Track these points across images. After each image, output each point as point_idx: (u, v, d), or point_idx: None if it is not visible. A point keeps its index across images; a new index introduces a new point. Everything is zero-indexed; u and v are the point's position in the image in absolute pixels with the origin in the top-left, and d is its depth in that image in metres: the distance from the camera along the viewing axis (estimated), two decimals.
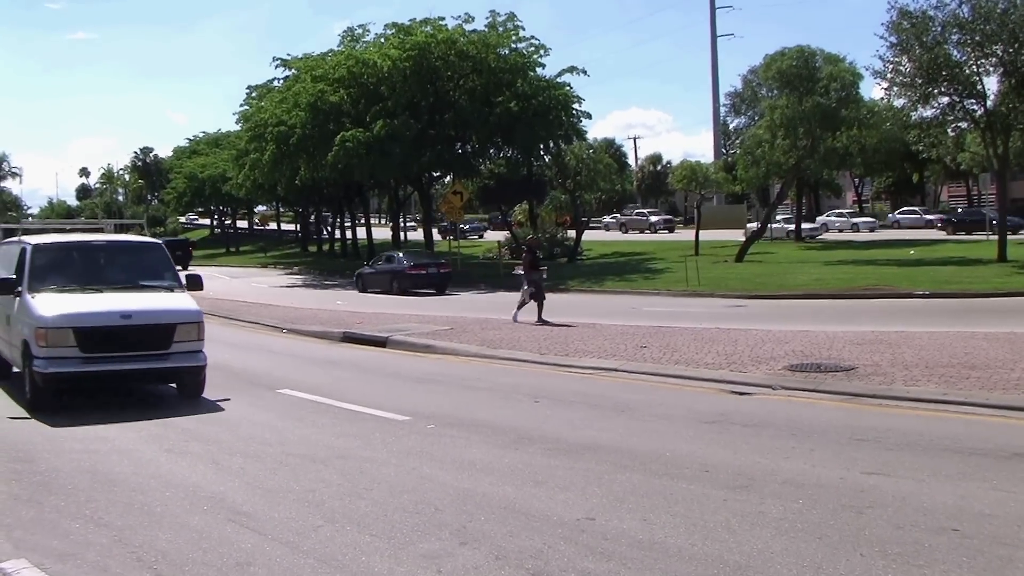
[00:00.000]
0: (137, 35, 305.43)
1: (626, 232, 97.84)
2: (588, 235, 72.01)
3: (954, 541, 7.73)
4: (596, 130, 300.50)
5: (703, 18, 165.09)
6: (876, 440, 11.60)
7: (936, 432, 12.04)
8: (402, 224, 79.18)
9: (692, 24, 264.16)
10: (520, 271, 29.49)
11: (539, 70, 60.70)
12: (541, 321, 27.21)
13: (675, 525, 8.37)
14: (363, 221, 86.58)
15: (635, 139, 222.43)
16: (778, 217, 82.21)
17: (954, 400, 13.86)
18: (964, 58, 45.44)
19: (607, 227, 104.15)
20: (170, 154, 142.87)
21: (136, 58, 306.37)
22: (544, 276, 30.25)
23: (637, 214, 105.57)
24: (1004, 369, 15.76)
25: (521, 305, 28.49)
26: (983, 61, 45.19)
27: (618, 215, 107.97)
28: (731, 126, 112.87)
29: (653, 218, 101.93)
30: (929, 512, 8.54)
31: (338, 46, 65.53)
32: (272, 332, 28.94)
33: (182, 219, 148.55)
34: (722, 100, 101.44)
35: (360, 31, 65.37)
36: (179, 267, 68.95)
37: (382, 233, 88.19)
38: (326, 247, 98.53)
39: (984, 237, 58.31)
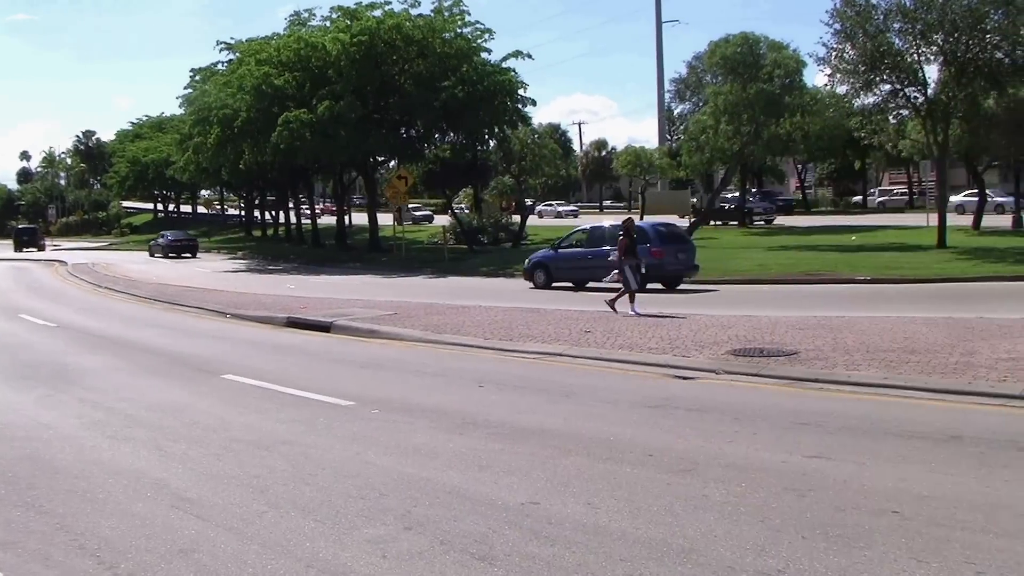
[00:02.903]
0: (80, 17, 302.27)
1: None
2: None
3: (894, 523, 7.81)
4: (541, 115, 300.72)
5: (648, 4, 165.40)
6: (818, 424, 11.71)
7: (877, 416, 12.17)
8: (346, 208, 78.85)
9: (637, 10, 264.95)
10: (614, 257, 25.70)
11: (484, 55, 60.86)
12: (612, 307, 24.61)
13: (619, 509, 8.41)
14: (307, 206, 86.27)
15: (580, 124, 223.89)
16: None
17: (894, 384, 14.01)
18: (906, 46, 45.92)
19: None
20: (113, 138, 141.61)
21: (79, 41, 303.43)
22: (642, 265, 26.14)
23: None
24: (943, 353, 15.95)
25: (631, 295, 24.81)
26: (924, 50, 45.68)
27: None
28: (676, 112, 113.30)
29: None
30: (870, 494, 8.63)
31: (284, 30, 65.31)
32: (216, 317, 28.80)
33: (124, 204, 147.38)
34: (667, 86, 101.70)
35: (306, 15, 65.16)
36: (33, 249, 68.05)
37: (327, 217, 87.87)
38: (270, 232, 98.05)
39: None
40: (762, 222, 71.29)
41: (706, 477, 9.39)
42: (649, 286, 31.28)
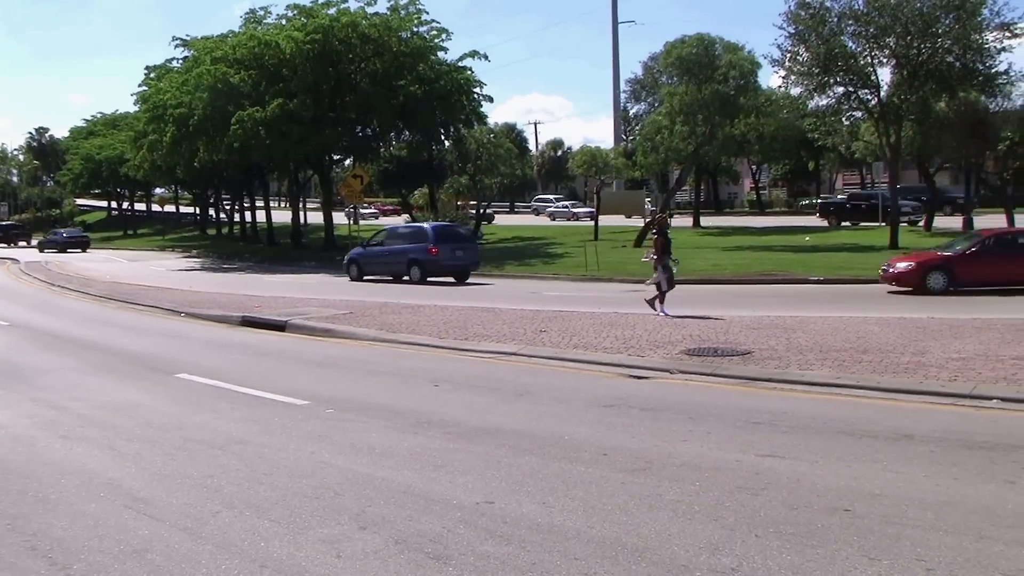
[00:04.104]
0: (33, 12, 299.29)
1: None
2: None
3: (846, 521, 7.89)
4: (497, 115, 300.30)
5: (605, 5, 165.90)
6: (771, 423, 11.79)
7: (829, 415, 12.27)
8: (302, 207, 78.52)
9: (594, 11, 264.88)
10: (652, 256, 25.38)
11: (441, 54, 60.91)
12: (653, 309, 23.96)
13: (574, 508, 8.44)
14: (263, 204, 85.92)
15: (536, 124, 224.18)
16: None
17: (847, 384, 14.14)
18: (859, 49, 46.42)
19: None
20: (67, 135, 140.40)
21: (32, 36, 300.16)
22: (676, 262, 26.07)
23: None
24: (895, 353, 16.11)
25: (662, 297, 24.44)
26: (877, 53, 46.19)
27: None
28: (631, 112, 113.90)
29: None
30: (822, 493, 8.71)
31: (240, 27, 65.03)
32: (170, 316, 28.62)
33: (78, 201, 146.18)
34: (622, 87, 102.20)
35: (262, 12, 64.95)
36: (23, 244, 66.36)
37: (283, 216, 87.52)
38: (225, 230, 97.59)
39: None
40: (906, 222, 60.04)
41: (660, 476, 9.44)
42: (441, 279, 40.62)
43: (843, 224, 64.62)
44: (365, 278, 43.49)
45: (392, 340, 21.06)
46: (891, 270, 31.54)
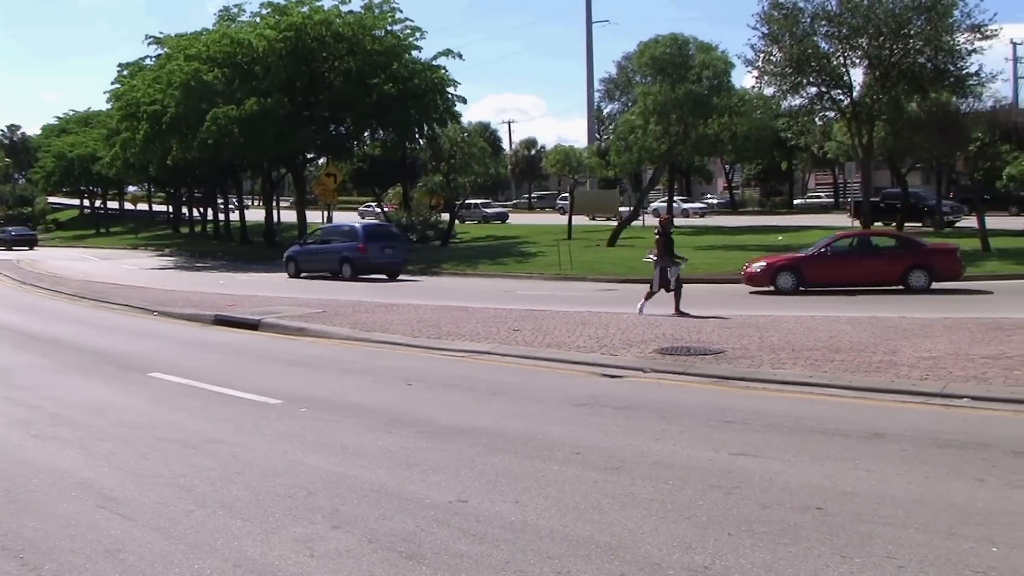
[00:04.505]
0: (5, 9, 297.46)
1: None
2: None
3: (818, 519, 7.93)
4: (470, 114, 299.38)
5: (578, 4, 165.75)
6: (744, 422, 11.84)
7: (802, 413, 12.33)
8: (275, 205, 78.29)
9: (567, 10, 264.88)
10: (652, 256, 25.48)
11: (415, 53, 60.81)
12: (679, 312, 23.50)
13: (547, 507, 8.45)
14: (236, 203, 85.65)
15: (509, 123, 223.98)
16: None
17: (819, 383, 14.21)
18: (832, 50, 46.66)
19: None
20: (39, 132, 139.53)
21: (4, 33, 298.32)
22: (681, 262, 25.66)
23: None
24: (867, 352, 16.19)
25: (649, 295, 24.43)
26: (850, 53, 46.45)
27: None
28: (605, 112, 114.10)
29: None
30: (795, 491, 8.75)
31: (213, 25, 64.82)
32: (143, 315, 28.51)
33: (51, 199, 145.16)
34: (596, 86, 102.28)
35: (236, 10, 64.70)
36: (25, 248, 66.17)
37: (256, 215, 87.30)
38: (198, 229, 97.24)
39: None
40: (945, 223, 59.32)
41: (633, 475, 9.46)
42: (373, 276, 42.85)
43: (875, 224, 62.03)
44: (302, 275, 45.36)
45: (365, 339, 21.04)
46: (748, 270, 32.81)
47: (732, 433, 11.26)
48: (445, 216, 68.03)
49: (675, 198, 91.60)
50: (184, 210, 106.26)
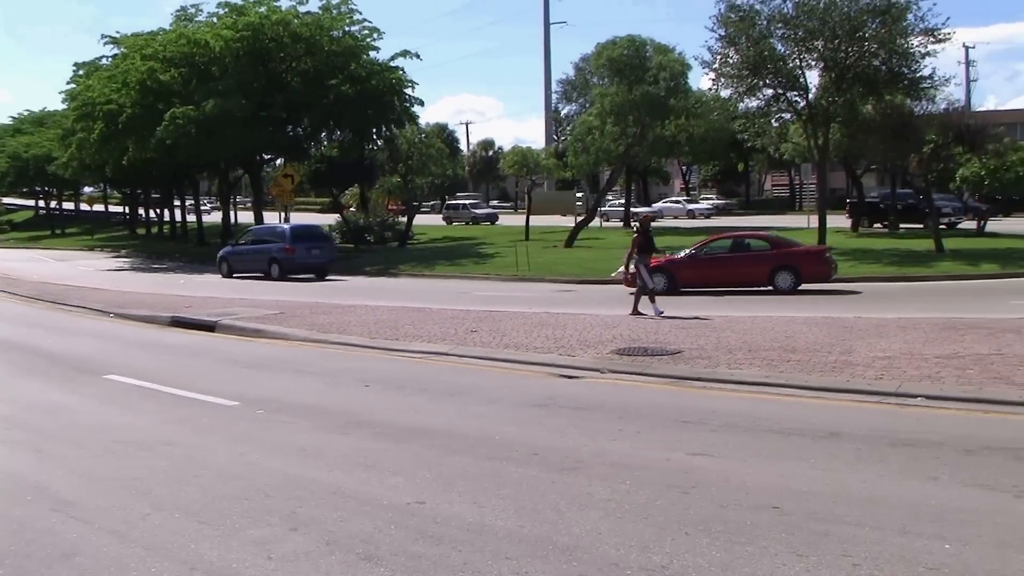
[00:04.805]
0: None
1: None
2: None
3: (774, 518, 7.98)
4: (428, 115, 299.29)
5: (536, 5, 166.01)
6: (701, 422, 11.89)
7: (758, 413, 12.40)
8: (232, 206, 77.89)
9: (525, 11, 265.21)
10: (622, 271, 25.53)
11: (372, 53, 60.63)
12: (636, 312, 23.56)
13: (504, 508, 8.47)
14: (193, 204, 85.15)
15: (467, 124, 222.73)
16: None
17: (775, 383, 14.30)
18: (788, 52, 46.80)
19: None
20: None
21: None
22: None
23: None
24: (822, 352, 16.30)
25: (651, 294, 24.20)
26: (805, 56, 46.62)
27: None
28: (562, 113, 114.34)
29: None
30: (751, 491, 8.80)
31: (170, 25, 64.38)
32: (99, 316, 28.32)
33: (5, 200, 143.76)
34: (554, 87, 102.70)
35: (193, 10, 64.30)
36: None
37: (213, 216, 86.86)
38: (155, 230, 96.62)
39: None
40: (945, 224, 56.00)
41: (591, 475, 9.49)
42: (301, 276, 44.26)
43: (875, 226, 61.26)
44: (235, 275, 46.50)
45: (322, 340, 21.00)
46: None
47: (689, 433, 11.32)
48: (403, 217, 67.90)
49: (679, 198, 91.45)
50: (140, 211, 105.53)
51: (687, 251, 33.76)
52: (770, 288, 31.05)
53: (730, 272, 32.05)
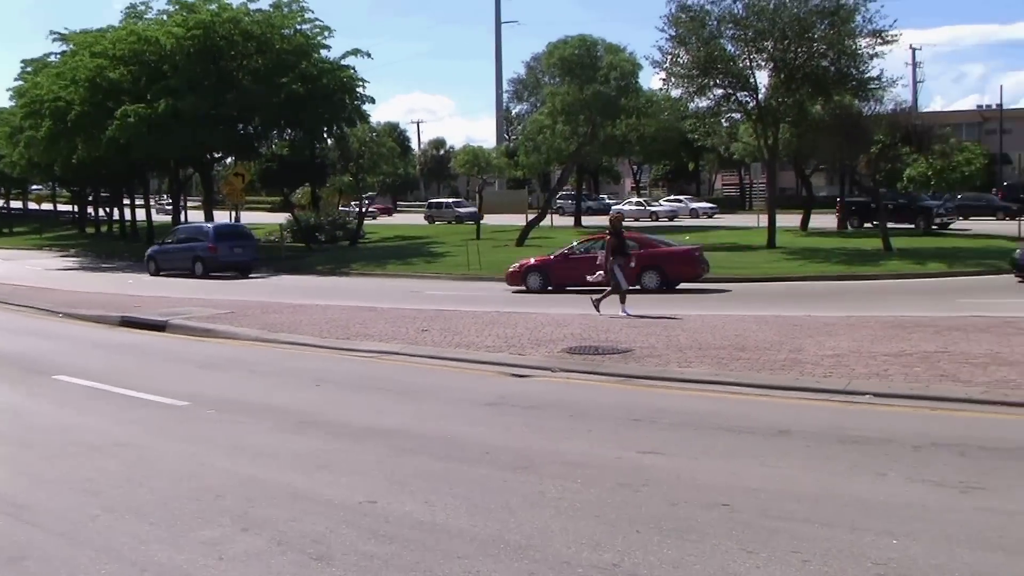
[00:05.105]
0: None
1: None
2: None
3: (725, 516, 8.03)
4: (379, 113, 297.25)
5: (488, 4, 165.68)
6: (651, 420, 11.95)
7: (709, 411, 12.48)
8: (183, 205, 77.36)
9: (477, 10, 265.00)
10: (600, 276, 25.14)
11: (323, 52, 60.45)
12: (597, 309, 23.43)
13: (456, 507, 8.48)
14: (143, 202, 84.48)
15: (418, 123, 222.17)
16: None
17: (725, 381, 14.38)
18: (738, 53, 47.22)
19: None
20: None
21: None
22: (631, 264, 26.15)
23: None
24: (772, 350, 16.40)
25: (622, 295, 24.03)
26: (755, 56, 47.05)
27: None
28: (514, 112, 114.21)
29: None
30: (702, 489, 8.85)
31: (120, 22, 63.85)
32: (48, 316, 28.07)
33: None
34: (505, 86, 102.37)
35: (143, 7, 63.82)
36: None
37: (164, 215, 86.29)
38: (104, 229, 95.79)
39: None
40: (938, 224, 57.61)
41: (542, 474, 9.52)
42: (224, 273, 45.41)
43: (865, 226, 59.58)
44: (161, 273, 47.71)
45: (274, 340, 20.93)
46: (508, 270, 35.05)
47: (640, 432, 11.37)
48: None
49: (681, 197, 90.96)
50: (90, 210, 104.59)
51: (560, 251, 35.05)
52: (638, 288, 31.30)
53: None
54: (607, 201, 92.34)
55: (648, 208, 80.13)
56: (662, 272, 31.99)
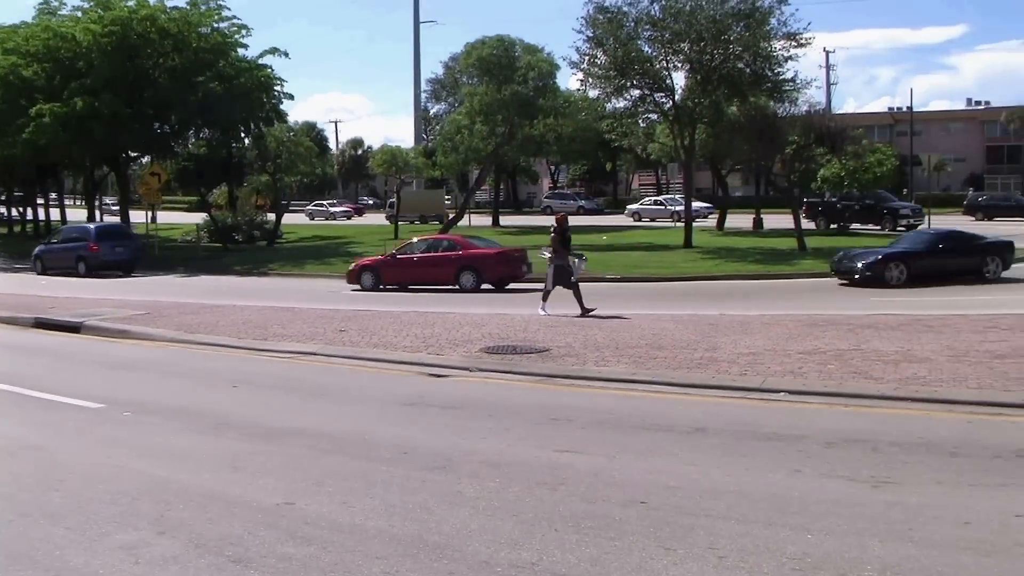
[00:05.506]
0: None
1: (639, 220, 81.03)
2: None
3: (642, 513, 8.09)
4: (297, 113, 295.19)
5: (406, 4, 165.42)
6: (569, 419, 12.01)
7: (626, 410, 12.58)
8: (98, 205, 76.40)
9: (395, 9, 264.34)
10: (546, 253, 25.05)
11: (241, 51, 59.95)
12: (585, 312, 22.82)
13: (374, 507, 8.47)
14: (57, 202, 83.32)
15: (336, 123, 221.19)
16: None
17: (642, 379, 14.49)
18: (655, 54, 47.52)
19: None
20: None
21: None
22: (582, 261, 25.71)
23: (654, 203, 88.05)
24: (688, 349, 16.55)
25: (546, 295, 23.94)
26: (672, 58, 47.40)
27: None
28: (432, 112, 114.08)
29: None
30: (619, 487, 8.91)
31: (33, 18, 62.76)
32: None
33: None
34: (423, 86, 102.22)
35: (56, 3, 62.76)
36: None
37: (78, 214, 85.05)
38: (18, 229, 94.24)
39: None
40: (904, 226, 56.13)
41: (460, 473, 9.54)
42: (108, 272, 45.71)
43: (832, 227, 60.06)
44: (47, 272, 48.33)
45: (190, 341, 20.75)
46: (349, 268, 36.85)
47: (558, 430, 11.43)
48: (272, 216, 67.19)
49: (659, 197, 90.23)
50: (2, 210, 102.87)
51: (391, 251, 37.00)
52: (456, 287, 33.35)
53: (423, 272, 34.80)
54: (635, 205, 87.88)
55: (668, 208, 78.78)
56: (477, 272, 33.47)
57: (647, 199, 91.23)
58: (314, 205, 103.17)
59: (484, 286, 33.36)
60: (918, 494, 8.53)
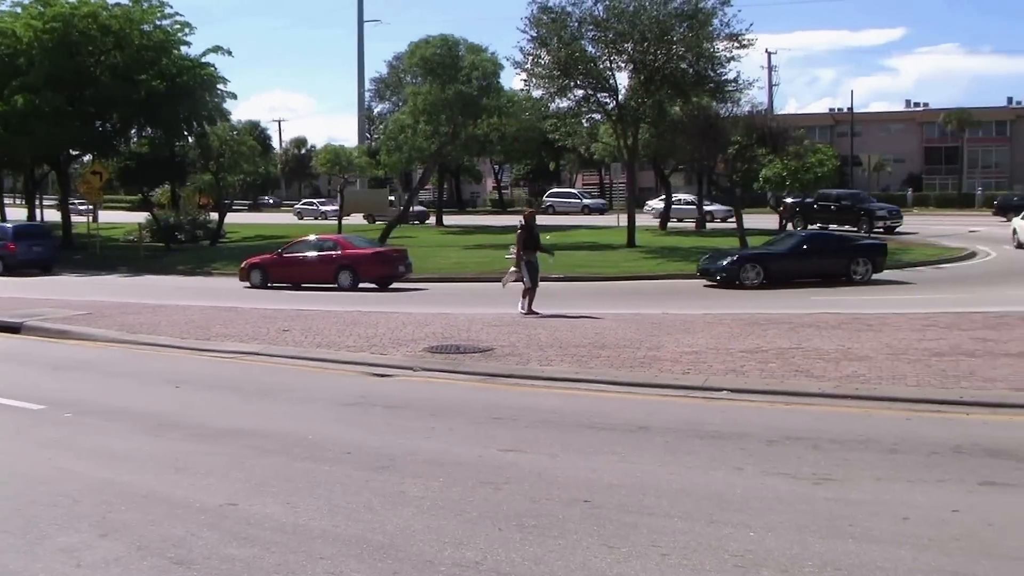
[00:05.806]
0: None
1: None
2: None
3: (586, 512, 8.15)
4: (240, 112, 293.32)
5: (350, 3, 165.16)
6: (513, 418, 12.05)
7: (569, 409, 12.64)
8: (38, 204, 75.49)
9: (338, 9, 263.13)
10: (514, 252, 25.05)
11: (184, 49, 59.43)
12: (530, 311, 22.92)
13: (318, 508, 8.46)
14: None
15: (279, 122, 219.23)
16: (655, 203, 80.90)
17: (585, 378, 14.57)
18: (598, 54, 47.65)
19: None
20: None
21: None
22: (551, 254, 26.51)
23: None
24: (631, 348, 16.65)
25: (530, 294, 23.58)
26: (615, 58, 47.57)
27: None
28: (376, 111, 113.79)
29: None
30: (563, 485, 8.96)
31: None
32: None
33: None
34: (367, 85, 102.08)
35: None
36: None
37: (18, 214, 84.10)
38: None
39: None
40: (882, 228, 56.34)
41: (404, 473, 9.54)
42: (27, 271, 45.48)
43: (809, 227, 56.94)
44: None
45: (132, 341, 20.59)
46: (241, 266, 37.64)
47: (501, 430, 11.47)
48: (215, 215, 66.73)
49: (685, 195, 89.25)
50: None
51: (278, 250, 37.83)
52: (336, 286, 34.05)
53: (305, 271, 35.72)
54: (655, 202, 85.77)
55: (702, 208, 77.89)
56: (355, 272, 34.24)
57: (683, 197, 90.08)
58: (303, 204, 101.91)
59: (364, 285, 34.05)
60: (858, 490, 8.64)
